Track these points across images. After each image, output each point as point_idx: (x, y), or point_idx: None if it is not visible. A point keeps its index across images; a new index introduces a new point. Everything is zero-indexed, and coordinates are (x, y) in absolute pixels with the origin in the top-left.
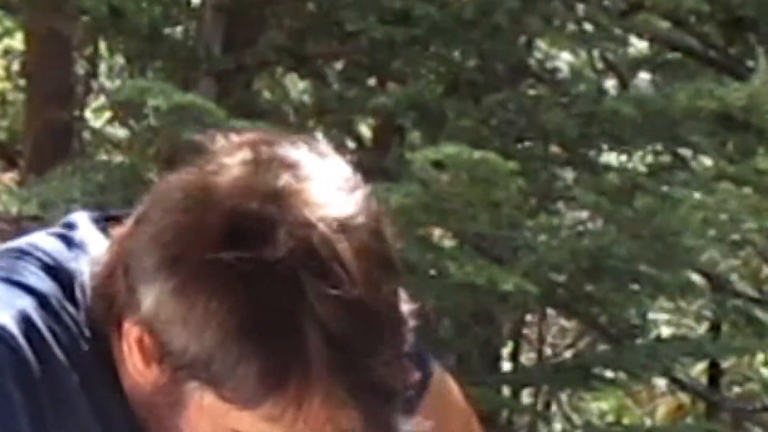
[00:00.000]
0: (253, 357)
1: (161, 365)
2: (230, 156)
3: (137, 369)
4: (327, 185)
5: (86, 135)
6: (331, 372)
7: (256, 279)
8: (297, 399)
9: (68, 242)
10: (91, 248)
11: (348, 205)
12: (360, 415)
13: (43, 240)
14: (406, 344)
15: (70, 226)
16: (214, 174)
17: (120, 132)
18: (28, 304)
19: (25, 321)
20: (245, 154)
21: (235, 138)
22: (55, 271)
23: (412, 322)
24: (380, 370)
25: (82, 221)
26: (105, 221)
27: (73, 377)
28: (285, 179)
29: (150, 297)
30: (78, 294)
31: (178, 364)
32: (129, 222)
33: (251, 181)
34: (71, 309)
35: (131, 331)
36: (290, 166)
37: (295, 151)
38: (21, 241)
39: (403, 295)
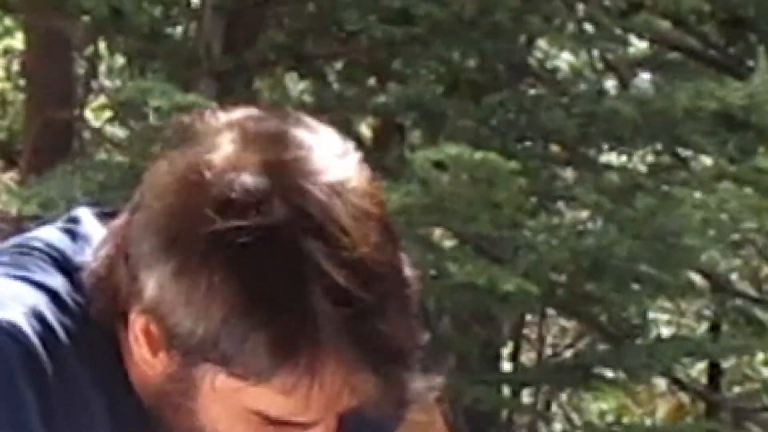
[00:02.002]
0: (261, 328)
1: (170, 352)
2: (218, 135)
3: (145, 359)
4: (317, 154)
5: (86, 134)
6: (340, 335)
7: (255, 248)
8: (310, 366)
9: (73, 236)
10: (95, 242)
11: (339, 170)
12: (375, 377)
13: (48, 234)
14: (414, 305)
15: (75, 220)
16: (204, 154)
17: (120, 132)
18: (40, 300)
19: (38, 318)
20: (233, 131)
21: (222, 117)
22: (63, 265)
23: (416, 286)
24: (390, 330)
25: (86, 215)
26: (105, 216)
27: (84, 372)
28: (274, 152)
29: (152, 283)
30: (86, 287)
31: (186, 347)
32: (125, 213)
33: (241, 157)
34: (82, 301)
35: (136, 321)
36: (278, 140)
37: (282, 125)
38: (25, 237)
39: (405, 258)
